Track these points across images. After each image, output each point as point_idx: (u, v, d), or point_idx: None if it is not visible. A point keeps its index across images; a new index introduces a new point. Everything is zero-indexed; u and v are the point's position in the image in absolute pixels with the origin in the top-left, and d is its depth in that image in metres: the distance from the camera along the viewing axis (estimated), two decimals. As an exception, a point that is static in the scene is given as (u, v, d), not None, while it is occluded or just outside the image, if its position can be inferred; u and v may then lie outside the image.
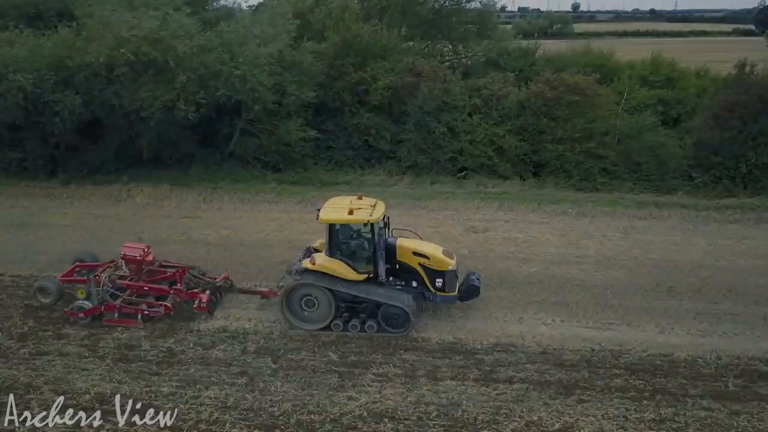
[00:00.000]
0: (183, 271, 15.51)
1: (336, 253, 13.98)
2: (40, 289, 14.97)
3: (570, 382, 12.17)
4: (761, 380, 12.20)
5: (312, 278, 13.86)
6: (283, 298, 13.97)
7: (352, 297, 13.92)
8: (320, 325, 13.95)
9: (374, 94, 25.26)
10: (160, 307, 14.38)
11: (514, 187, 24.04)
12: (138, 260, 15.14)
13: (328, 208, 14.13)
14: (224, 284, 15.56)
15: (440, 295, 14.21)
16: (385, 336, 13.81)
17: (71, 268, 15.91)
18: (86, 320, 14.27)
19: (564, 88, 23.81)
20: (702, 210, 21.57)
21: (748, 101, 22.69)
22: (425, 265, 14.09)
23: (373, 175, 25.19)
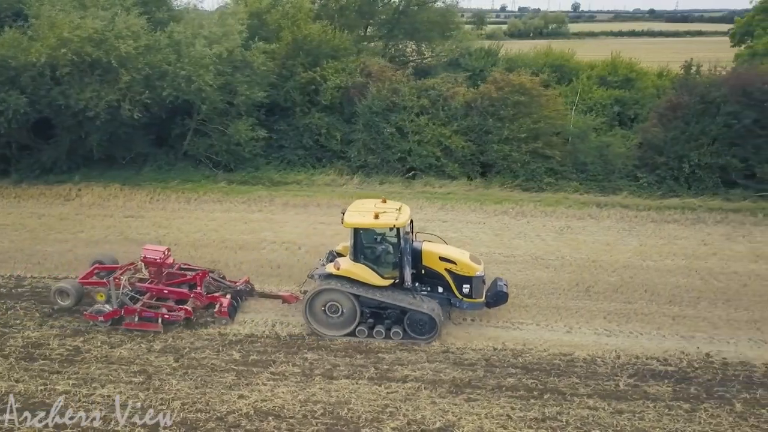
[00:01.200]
0: (203, 274, 15.25)
1: (360, 257, 13.62)
2: (59, 292, 14.75)
3: (463, 381, 12.26)
4: (653, 380, 12.29)
5: (336, 283, 13.53)
6: (307, 303, 13.68)
7: (378, 303, 13.61)
8: (344, 332, 13.67)
9: (324, 94, 25.34)
10: (180, 311, 14.19)
11: (460, 187, 24.10)
12: (158, 263, 14.88)
13: (352, 211, 13.72)
14: (244, 288, 15.35)
15: (467, 301, 13.94)
16: (293, 336, 13.91)
17: (90, 270, 15.69)
18: (106, 324, 14.13)
19: (510, 89, 23.85)
20: (643, 210, 21.64)
21: (690, 102, 22.73)
22: (452, 270, 13.81)
23: (323, 175, 25.27)
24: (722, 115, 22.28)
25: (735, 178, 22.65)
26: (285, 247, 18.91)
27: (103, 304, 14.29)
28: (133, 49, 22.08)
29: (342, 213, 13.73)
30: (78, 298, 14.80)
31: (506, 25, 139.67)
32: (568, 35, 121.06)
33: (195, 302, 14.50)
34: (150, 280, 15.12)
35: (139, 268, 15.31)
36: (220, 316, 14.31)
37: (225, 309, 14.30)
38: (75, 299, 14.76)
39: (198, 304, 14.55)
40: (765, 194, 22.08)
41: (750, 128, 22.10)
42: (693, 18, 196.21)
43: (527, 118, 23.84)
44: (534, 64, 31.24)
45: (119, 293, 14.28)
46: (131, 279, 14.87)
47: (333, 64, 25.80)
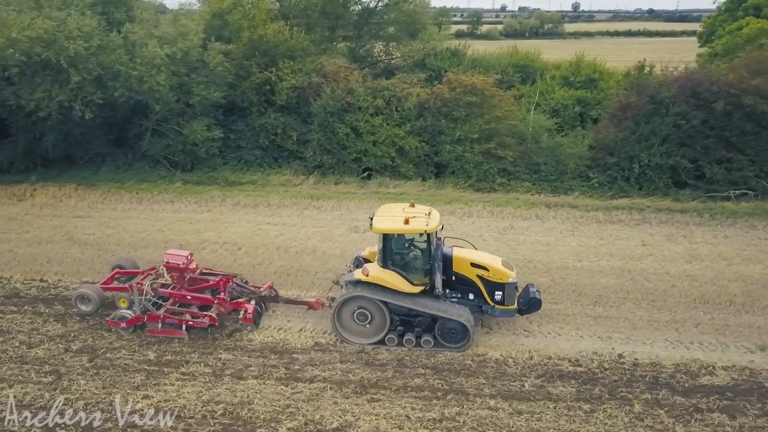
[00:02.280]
0: (227, 280, 14.84)
1: (389, 264, 13.34)
2: (80, 298, 14.52)
3: (370, 381, 12.30)
4: (559, 380, 12.33)
5: (365, 290, 13.22)
6: (335, 311, 13.37)
7: (408, 310, 13.31)
8: (373, 340, 13.39)
9: (280, 94, 25.36)
10: (204, 317, 13.89)
11: (414, 187, 24.13)
12: (181, 268, 14.52)
13: (381, 216, 13.38)
14: (269, 293, 14.98)
15: (499, 308, 13.58)
16: (208, 336, 13.93)
17: (111, 275, 15.37)
18: (128, 330, 13.90)
19: (461, 90, 23.87)
20: (590, 210, 21.67)
21: (640, 102, 22.75)
22: (484, 277, 13.47)
23: (279, 175, 25.32)
24: (671, 115, 22.30)
25: (685, 178, 22.67)
26: (225, 248, 18.93)
27: (125, 310, 14.01)
28: (84, 49, 22.12)
29: (370, 218, 13.41)
30: (100, 304, 14.55)
31: (502, 25, 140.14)
32: (564, 35, 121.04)
33: (219, 308, 14.14)
34: (172, 285, 14.75)
35: (160, 273, 14.87)
36: (245, 322, 13.99)
37: (250, 315, 13.95)
38: (97, 305, 14.51)
39: (222, 310, 14.17)
40: (714, 195, 22.10)
41: (699, 129, 22.12)
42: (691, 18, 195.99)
43: (479, 118, 23.87)
44: (498, 64, 31.31)
45: (142, 299, 13.96)
46: (153, 284, 14.48)
47: (289, 65, 25.81)
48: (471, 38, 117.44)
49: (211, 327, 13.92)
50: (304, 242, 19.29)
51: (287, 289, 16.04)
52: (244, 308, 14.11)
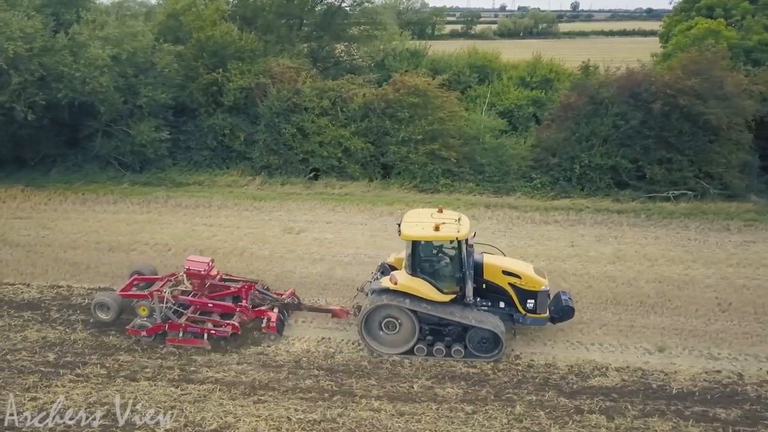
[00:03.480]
0: (249, 287, 14.52)
1: (418, 271, 13.04)
2: (99, 305, 14.18)
3: (262, 383, 12.33)
4: (450, 382, 12.36)
5: (393, 299, 12.88)
6: (362, 320, 13.05)
7: (438, 319, 12.97)
8: (402, 349, 13.05)
9: (227, 95, 25.39)
10: (227, 326, 13.59)
11: (359, 188, 24.16)
12: (202, 275, 14.29)
13: (409, 222, 13.05)
14: (291, 301, 14.64)
15: (531, 316, 13.25)
16: (106, 337, 13.91)
17: (130, 281, 15.06)
18: (149, 339, 13.60)
19: (405, 90, 23.90)
20: (528, 211, 21.70)
21: (580, 103, 22.78)
22: (516, 284, 13.13)
23: (226, 176, 25.37)
24: (610, 116, 22.36)
25: (626, 179, 22.70)
26: (155, 249, 18.96)
27: (146, 318, 13.74)
28: (24, 50, 22.15)
29: (398, 224, 13.11)
30: (119, 312, 14.19)
31: (496, 25, 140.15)
32: (558, 35, 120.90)
33: (241, 317, 13.86)
34: (193, 292, 14.48)
35: (180, 279, 14.61)
36: (268, 331, 13.66)
37: (273, 324, 13.61)
38: (116, 313, 14.15)
39: (245, 318, 13.89)
40: (654, 195, 22.12)
41: (638, 129, 22.15)
42: None
43: (423, 120, 23.89)
44: (455, 64, 31.36)
45: (163, 307, 13.66)
46: (174, 292, 14.22)
47: (238, 66, 25.83)
48: (465, 38, 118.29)
49: (234, 336, 13.63)
50: (234, 243, 19.32)
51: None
52: (267, 316, 13.79)
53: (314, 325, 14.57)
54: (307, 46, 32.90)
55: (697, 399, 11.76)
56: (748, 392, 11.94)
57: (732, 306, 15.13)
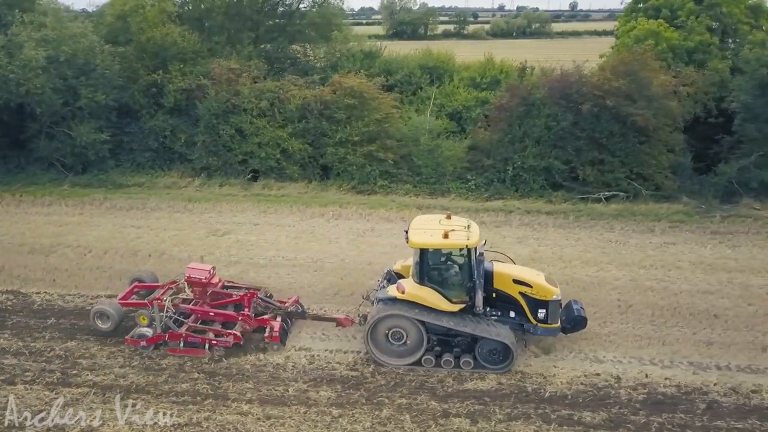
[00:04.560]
0: (251, 295, 14.13)
1: (426, 280, 12.67)
2: (98, 314, 13.72)
3: (139, 386, 12.27)
4: (327, 385, 12.31)
5: (400, 308, 12.52)
6: (369, 330, 12.65)
7: (446, 330, 12.58)
8: (409, 360, 12.69)
9: (167, 96, 25.38)
10: (228, 335, 13.25)
11: (297, 189, 24.16)
12: (203, 283, 13.94)
13: (417, 230, 12.60)
14: (295, 309, 14.27)
15: (542, 326, 12.84)
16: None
17: (130, 289, 14.72)
18: (149, 349, 13.23)
19: (342, 92, 23.88)
20: (459, 212, 21.35)
21: (513, 104, 22.76)
22: (527, 294, 12.74)
23: (167, 177, 25.38)
24: (542, 117, 22.34)
25: (559, 180, 22.68)
26: (75, 251, 18.92)
27: (145, 327, 13.37)
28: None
29: (405, 231, 12.73)
30: (119, 321, 13.75)
31: (489, 25, 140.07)
32: (552, 35, 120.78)
33: (244, 326, 13.51)
34: (194, 300, 14.13)
35: (181, 287, 14.29)
36: (271, 341, 13.31)
37: (276, 334, 13.28)
38: (116, 322, 13.68)
39: (247, 328, 13.53)
40: (586, 197, 22.10)
41: (569, 131, 22.16)
42: None
43: (360, 121, 23.87)
44: (406, 65, 31.32)
45: (163, 316, 13.31)
46: (174, 300, 13.90)
47: (179, 67, 25.82)
48: (458, 38, 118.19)
49: (236, 346, 13.30)
50: (156, 245, 19.30)
51: (109, 291, 16.07)
52: (270, 326, 13.49)
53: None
54: (263, 47, 32.90)
55: (567, 402, 11.73)
56: (620, 396, 11.90)
57: (632, 308, 15.12)
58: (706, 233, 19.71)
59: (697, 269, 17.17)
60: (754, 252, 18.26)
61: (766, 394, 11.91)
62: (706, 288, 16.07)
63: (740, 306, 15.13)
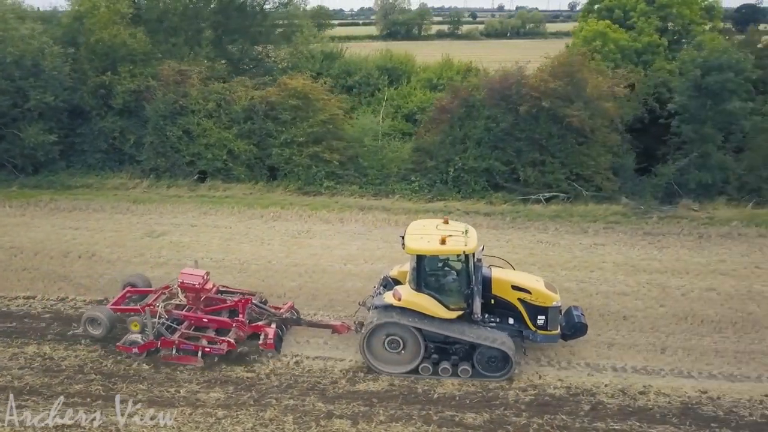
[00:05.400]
0: (246, 301, 13.85)
1: (423, 286, 12.43)
2: (90, 320, 13.46)
3: (33, 387, 12.33)
4: (220, 386, 12.38)
5: (397, 315, 12.29)
6: (364, 338, 12.45)
7: (444, 337, 12.35)
8: (406, 368, 12.48)
9: (116, 98, 25.43)
10: (222, 343, 13.00)
11: (243, 190, 24.19)
12: (197, 289, 13.67)
13: (413, 235, 12.33)
14: (290, 315, 14.00)
15: (541, 333, 12.61)
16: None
17: (122, 294, 14.52)
18: (141, 356, 13.03)
19: (287, 93, 23.92)
20: (398, 214, 21.71)
21: (454, 106, 22.79)
22: (526, 300, 12.54)
23: (115, 179, 25.44)
24: (482, 118, 22.36)
25: (500, 181, 22.71)
26: (7, 252, 18.90)
27: (137, 334, 13.12)
28: None
29: (401, 237, 12.46)
30: (111, 327, 13.48)
31: (483, 25, 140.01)
32: (545, 35, 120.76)
33: (237, 333, 13.27)
34: (187, 306, 13.92)
35: (174, 292, 14.14)
36: (265, 348, 13.09)
37: (271, 341, 13.05)
38: (107, 328, 13.42)
39: (241, 334, 13.31)
40: (526, 198, 22.13)
41: (509, 132, 22.19)
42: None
43: (305, 122, 23.92)
44: (365, 66, 31.38)
45: (155, 322, 13.13)
46: (167, 306, 13.71)
47: (128, 68, 25.87)
48: (452, 38, 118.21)
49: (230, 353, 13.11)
50: (89, 247, 19.33)
51: (29, 292, 16.13)
52: (264, 332, 13.25)
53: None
54: (228, 48, 32.97)
55: (454, 404, 11.77)
56: (508, 397, 11.94)
57: (542, 310, 15.10)
58: (638, 234, 19.73)
59: (620, 270, 17.19)
60: (681, 253, 18.29)
61: (653, 396, 11.95)
62: (623, 289, 16.10)
63: (652, 307, 15.15)
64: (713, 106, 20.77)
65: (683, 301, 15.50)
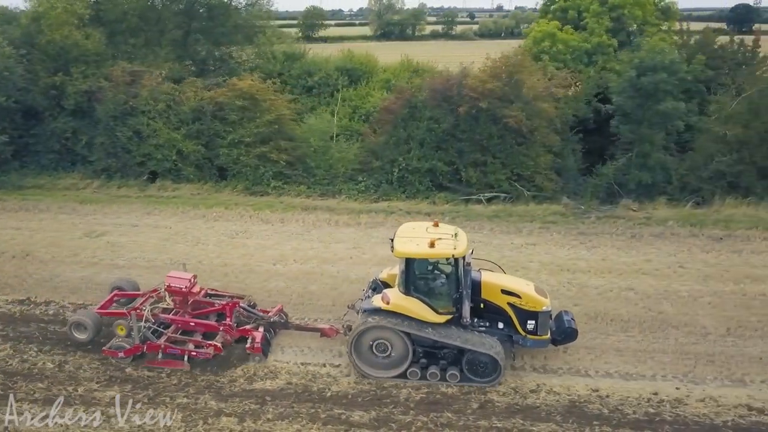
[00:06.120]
0: (234, 304, 13.75)
1: (412, 290, 12.31)
2: (75, 325, 13.37)
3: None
4: (120, 384, 12.48)
5: (385, 319, 12.15)
6: (352, 342, 12.32)
7: (432, 342, 12.23)
8: (394, 373, 12.37)
9: (69, 98, 25.57)
10: (209, 347, 12.87)
11: (191, 190, 24.32)
12: (183, 292, 13.58)
13: (402, 238, 12.22)
14: (278, 319, 13.86)
15: (531, 338, 12.50)
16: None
17: (109, 297, 14.36)
18: (126, 360, 12.93)
19: (234, 93, 24.06)
20: (341, 214, 21.86)
21: (398, 107, 22.92)
22: (515, 304, 12.41)
23: (67, 179, 25.59)
24: (425, 119, 22.49)
25: (443, 181, 22.84)
26: (-60, 253, 19.12)
27: (123, 338, 13.07)
28: None
29: (390, 240, 12.40)
30: (96, 331, 13.38)
31: (478, 25, 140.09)
32: None
33: (225, 336, 13.15)
34: (174, 309, 13.80)
35: (162, 296, 13.93)
36: (252, 352, 12.94)
37: (258, 345, 12.91)
38: (93, 332, 13.33)
39: (228, 338, 13.19)
40: (469, 198, 22.25)
41: (451, 133, 22.33)
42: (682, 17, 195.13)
43: (251, 122, 24.05)
44: (325, 66, 31.50)
45: (141, 326, 12.98)
46: (154, 310, 13.60)
47: (81, 69, 26.01)
48: (446, 39, 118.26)
49: (216, 357, 13.00)
50: (26, 247, 19.44)
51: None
52: (252, 336, 13.08)
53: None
54: (194, 49, 33.09)
55: (345, 402, 11.87)
56: (400, 396, 12.03)
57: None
58: (571, 234, 19.84)
59: (544, 270, 17.30)
60: (609, 253, 18.40)
61: (544, 394, 12.05)
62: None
63: (566, 307, 15.14)
64: (650, 107, 20.88)
65: (598, 300, 15.61)
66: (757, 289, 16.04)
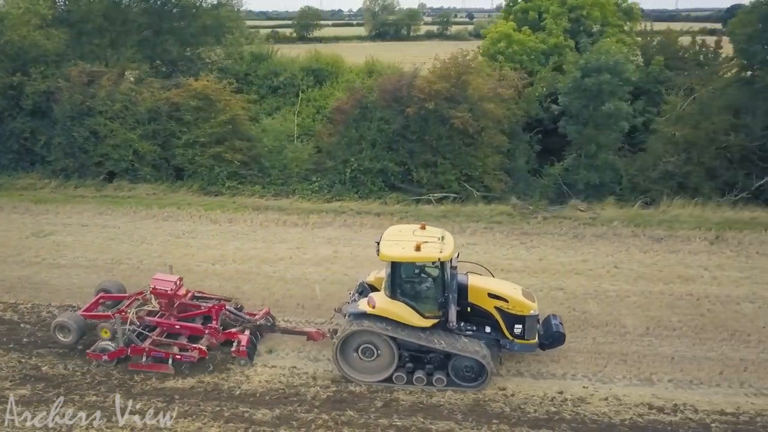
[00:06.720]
0: (219, 307, 13.69)
1: (398, 294, 12.22)
2: (59, 327, 13.32)
3: None
4: (36, 382, 12.59)
5: (370, 323, 12.05)
6: (338, 346, 12.23)
7: (418, 346, 12.15)
8: (380, 377, 12.32)
9: (27, 99, 25.67)
10: (194, 350, 12.85)
11: (147, 190, 24.41)
12: (169, 295, 13.49)
13: (389, 241, 12.18)
14: (265, 322, 13.82)
15: (518, 342, 12.44)
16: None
17: (94, 300, 14.25)
18: (111, 363, 12.90)
19: (189, 94, 24.16)
20: (291, 214, 21.95)
21: (350, 107, 23.03)
22: (502, 308, 12.33)
23: (26, 179, 25.69)
24: (375, 120, 22.59)
25: (394, 181, 22.94)
26: None
27: (107, 341, 12.97)
28: None
29: (376, 243, 12.33)
30: (81, 334, 13.37)
31: (473, 26, 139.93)
32: None
33: (210, 340, 13.11)
34: (160, 312, 13.74)
35: (147, 298, 13.93)
36: (237, 355, 12.89)
37: (243, 348, 12.84)
38: (77, 335, 13.30)
39: (213, 341, 13.14)
40: (419, 198, 22.35)
41: (401, 133, 22.44)
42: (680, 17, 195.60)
43: (206, 123, 24.15)
44: (291, 66, 31.58)
45: (126, 329, 12.97)
46: (139, 312, 13.52)
47: (40, 69, 26.11)
48: (441, 39, 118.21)
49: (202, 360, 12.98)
50: (-31, 246, 19.59)
51: None
52: (237, 339, 13.03)
53: None
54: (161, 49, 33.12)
55: (251, 400, 11.98)
56: (308, 394, 12.14)
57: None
58: (514, 234, 19.95)
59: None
60: (547, 253, 18.50)
61: (450, 393, 12.14)
62: (471, 289, 16.26)
63: (492, 306, 15.32)
64: (595, 107, 20.98)
65: (525, 300, 15.67)
66: (685, 289, 16.13)
